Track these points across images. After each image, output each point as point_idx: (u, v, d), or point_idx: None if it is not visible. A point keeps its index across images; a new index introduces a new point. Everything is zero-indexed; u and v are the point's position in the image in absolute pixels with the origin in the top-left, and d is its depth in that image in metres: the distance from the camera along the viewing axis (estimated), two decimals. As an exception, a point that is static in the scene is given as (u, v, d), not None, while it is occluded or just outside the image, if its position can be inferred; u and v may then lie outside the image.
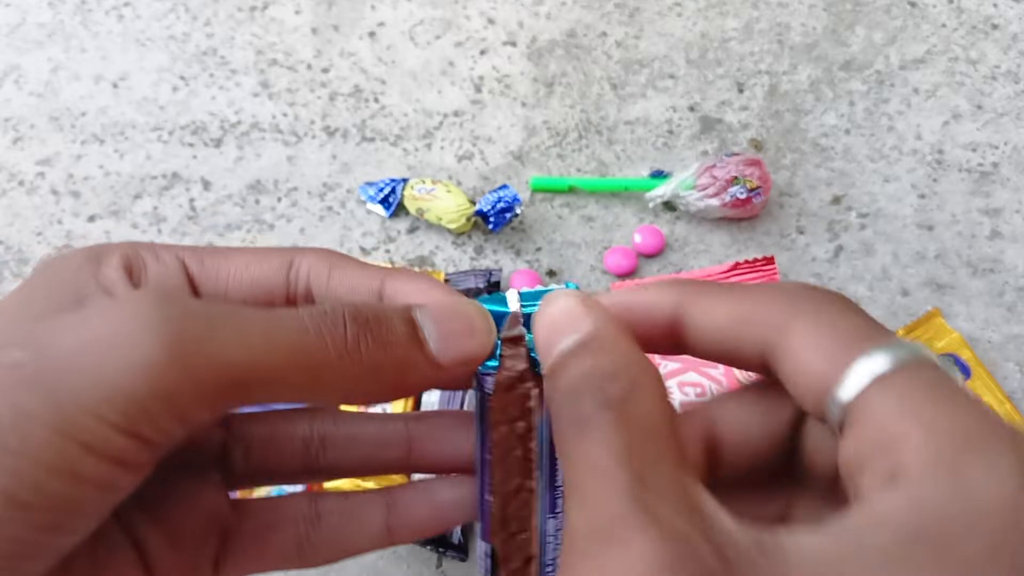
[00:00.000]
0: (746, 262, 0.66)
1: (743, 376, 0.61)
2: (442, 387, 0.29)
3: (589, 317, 0.23)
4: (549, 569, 0.28)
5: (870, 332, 0.21)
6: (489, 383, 0.27)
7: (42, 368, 0.20)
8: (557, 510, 0.28)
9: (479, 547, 0.29)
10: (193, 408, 0.21)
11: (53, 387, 0.20)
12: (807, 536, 0.19)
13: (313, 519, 0.28)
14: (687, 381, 0.62)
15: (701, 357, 0.25)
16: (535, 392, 0.26)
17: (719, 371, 0.62)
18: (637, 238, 0.69)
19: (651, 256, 0.69)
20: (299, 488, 0.44)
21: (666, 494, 0.19)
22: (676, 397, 0.62)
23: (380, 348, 0.23)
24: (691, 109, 0.76)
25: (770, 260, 0.66)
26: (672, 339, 0.25)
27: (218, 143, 0.75)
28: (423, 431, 0.29)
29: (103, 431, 0.20)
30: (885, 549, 0.18)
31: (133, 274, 0.26)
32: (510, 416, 0.26)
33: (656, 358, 0.63)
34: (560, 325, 0.23)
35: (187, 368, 0.21)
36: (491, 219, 0.68)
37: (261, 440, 0.28)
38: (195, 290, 0.27)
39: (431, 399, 0.62)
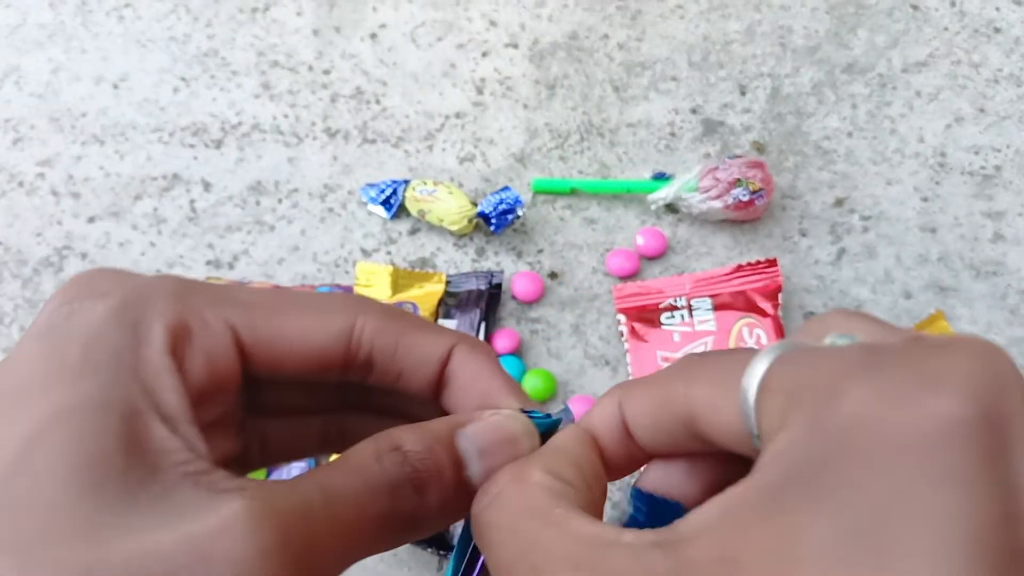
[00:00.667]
0: (748, 264, 0.66)
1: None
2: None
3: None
4: None
5: (748, 357, 0.21)
6: None
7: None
8: None
9: None
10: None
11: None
12: (695, 514, 0.19)
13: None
14: None
15: (657, 456, 0.25)
16: None
17: None
18: (639, 240, 0.69)
19: (653, 258, 0.69)
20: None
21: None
22: None
23: (436, 500, 0.24)
24: (693, 111, 0.76)
25: (773, 262, 0.66)
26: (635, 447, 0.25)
27: (219, 144, 0.75)
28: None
29: None
30: (755, 501, 0.18)
31: (177, 350, 0.22)
32: None
33: (659, 361, 0.63)
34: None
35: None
36: (493, 221, 0.68)
37: (278, 437, 0.28)
38: (245, 358, 0.24)
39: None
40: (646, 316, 0.65)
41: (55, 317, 0.21)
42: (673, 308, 0.65)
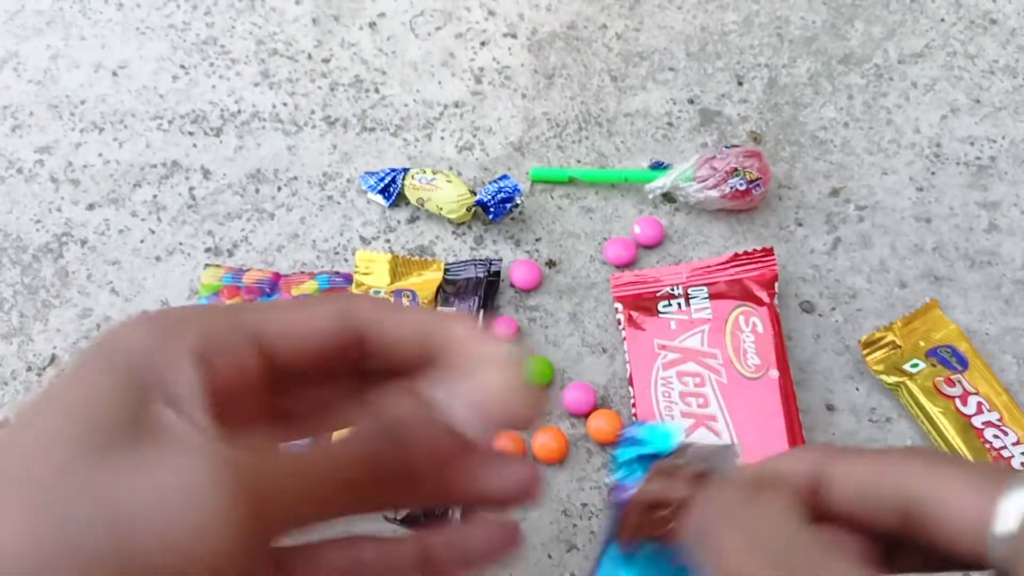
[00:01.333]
0: (745, 253, 0.66)
1: (731, 348, 0.62)
2: None
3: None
4: None
5: (1005, 474, 0.23)
6: (623, 494, 0.30)
7: (115, 534, 0.20)
8: None
9: None
10: (260, 556, 0.22)
11: (128, 557, 0.20)
12: None
13: (349, 568, 0.28)
14: (686, 371, 0.62)
15: (841, 518, 0.27)
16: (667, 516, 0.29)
17: (718, 361, 0.62)
18: (636, 229, 0.69)
19: (650, 247, 0.70)
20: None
21: None
22: (675, 387, 0.62)
23: (424, 448, 0.25)
24: (691, 102, 0.76)
25: (769, 251, 0.66)
26: (810, 504, 0.27)
27: (218, 132, 0.75)
28: (441, 548, 0.29)
29: None
30: None
31: (205, 350, 0.24)
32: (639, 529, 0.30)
33: (656, 349, 0.63)
34: None
35: (258, 529, 0.21)
36: (491, 209, 0.68)
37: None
38: (262, 353, 0.26)
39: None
40: (643, 304, 0.65)
41: (114, 331, 0.24)
42: (670, 297, 0.65)
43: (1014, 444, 0.59)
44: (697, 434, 0.30)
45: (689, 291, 0.65)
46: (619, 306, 0.66)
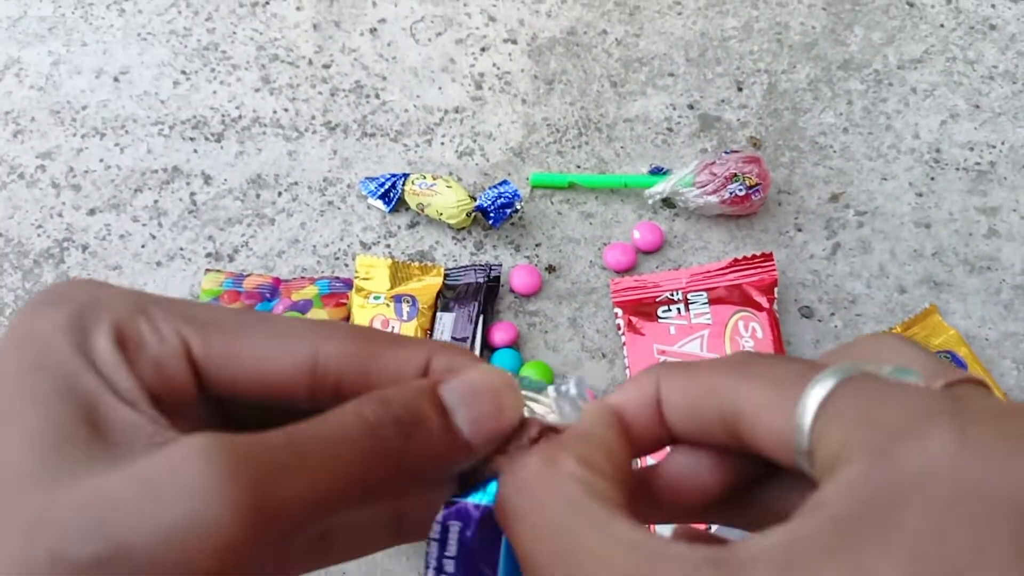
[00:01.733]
0: (744, 259, 0.66)
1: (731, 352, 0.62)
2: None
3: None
4: None
5: (807, 370, 0.21)
6: None
7: (106, 534, 0.19)
8: None
9: None
10: (267, 553, 0.20)
11: (125, 555, 0.18)
12: (757, 540, 0.19)
13: (325, 535, 0.27)
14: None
15: (686, 443, 0.25)
16: None
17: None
18: (636, 234, 0.70)
19: (650, 252, 0.70)
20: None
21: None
22: None
23: (423, 447, 0.23)
24: (690, 107, 0.77)
25: (768, 256, 0.66)
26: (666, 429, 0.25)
27: (219, 138, 0.75)
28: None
29: None
30: (823, 536, 0.18)
31: (128, 351, 0.22)
32: None
33: (656, 354, 0.63)
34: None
35: (260, 521, 0.19)
36: (491, 214, 0.68)
37: None
38: (198, 376, 0.23)
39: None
40: (643, 310, 0.66)
41: (19, 320, 0.22)
42: (670, 302, 0.65)
43: (1013, 449, 0.59)
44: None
45: (689, 296, 0.65)
46: (619, 311, 0.66)
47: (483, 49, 0.79)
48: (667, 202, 0.71)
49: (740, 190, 0.67)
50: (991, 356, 0.65)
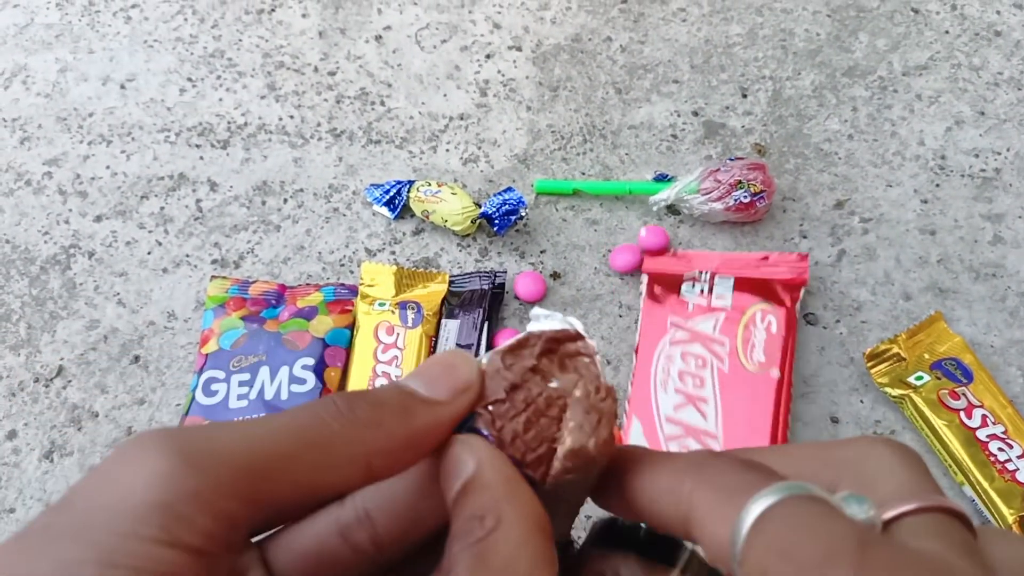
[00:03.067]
0: (779, 254, 0.67)
1: (741, 340, 0.62)
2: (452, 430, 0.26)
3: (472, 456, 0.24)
4: None
5: (761, 480, 0.22)
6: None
7: (73, 518, 0.20)
8: None
9: None
10: (219, 501, 0.21)
11: (86, 527, 0.20)
12: None
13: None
14: (691, 352, 0.63)
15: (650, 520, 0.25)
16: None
17: (724, 349, 0.63)
18: (643, 233, 0.69)
19: (655, 254, 0.70)
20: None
21: None
22: (676, 364, 0.63)
23: (374, 407, 0.23)
24: (695, 114, 0.77)
25: (804, 257, 0.66)
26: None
27: (225, 145, 0.75)
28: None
29: (145, 548, 0.20)
30: None
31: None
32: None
33: (668, 327, 0.63)
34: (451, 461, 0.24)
35: (198, 466, 0.21)
36: (496, 221, 0.68)
37: None
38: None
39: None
40: (668, 281, 0.67)
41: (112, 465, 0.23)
42: (695, 280, 0.66)
43: (1019, 457, 0.59)
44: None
45: (716, 279, 0.66)
46: (644, 277, 0.67)
47: (488, 56, 0.80)
48: (672, 209, 0.71)
49: (745, 197, 0.67)
50: (996, 363, 0.65)
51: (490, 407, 0.25)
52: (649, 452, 0.25)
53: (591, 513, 0.26)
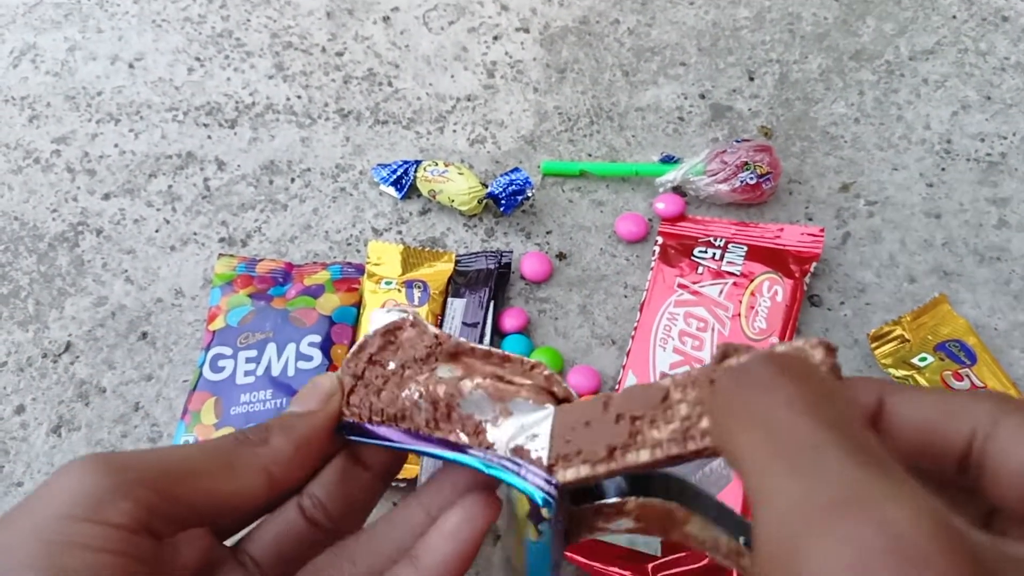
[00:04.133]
0: (796, 225, 0.68)
1: (746, 306, 0.62)
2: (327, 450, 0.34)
3: None
4: None
5: None
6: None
7: (15, 514, 0.26)
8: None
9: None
10: (135, 490, 0.26)
11: (27, 518, 0.25)
12: None
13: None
14: (695, 314, 0.63)
15: (897, 448, 0.25)
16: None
17: (727, 314, 0.63)
18: (660, 205, 0.70)
19: (673, 221, 0.70)
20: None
21: (892, 469, 0.20)
22: (678, 324, 0.63)
23: (260, 430, 0.31)
24: (702, 96, 0.77)
25: (820, 231, 0.67)
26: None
27: (233, 124, 0.76)
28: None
29: (76, 527, 0.25)
30: None
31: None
32: None
33: (676, 287, 0.63)
34: None
35: (116, 469, 0.26)
36: (503, 201, 0.68)
37: None
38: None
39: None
40: (682, 243, 0.67)
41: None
42: (710, 245, 0.67)
43: (1022, 438, 0.59)
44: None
45: (730, 246, 0.66)
46: (659, 239, 0.68)
47: (495, 38, 0.80)
48: (678, 190, 0.72)
49: (751, 179, 0.68)
50: (1000, 346, 0.66)
51: (349, 400, 0.33)
52: (910, 386, 0.26)
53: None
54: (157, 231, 0.71)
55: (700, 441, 0.26)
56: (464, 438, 0.31)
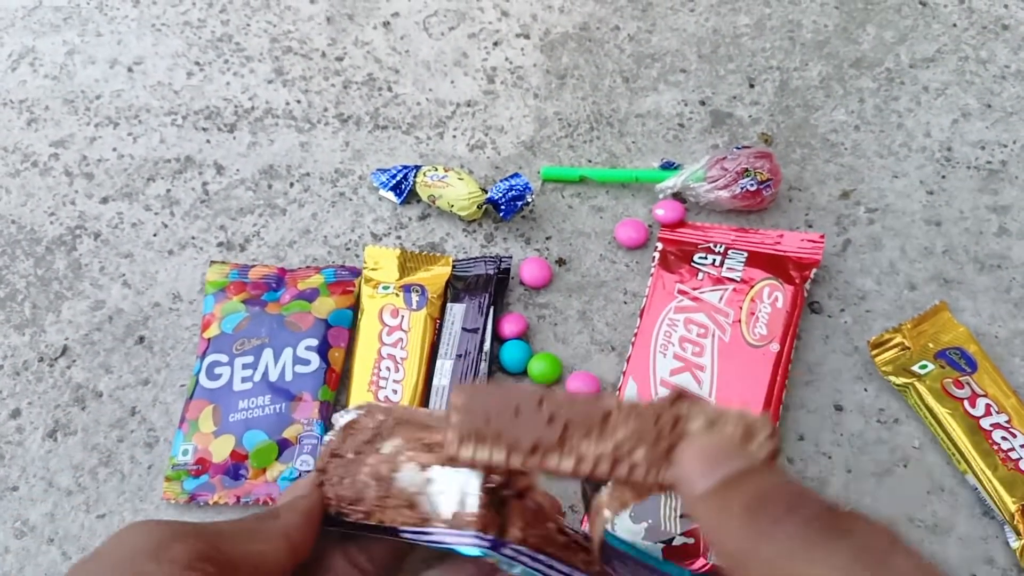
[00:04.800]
0: (797, 232, 0.68)
1: (746, 312, 0.62)
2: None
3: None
4: None
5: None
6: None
7: (96, 560, 0.29)
8: None
9: None
10: (189, 539, 0.30)
11: (113, 565, 0.29)
12: None
13: None
14: (695, 320, 0.63)
15: None
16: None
17: (728, 320, 0.63)
18: (660, 212, 0.69)
19: (672, 227, 0.69)
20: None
21: None
22: (678, 331, 0.63)
23: (272, 510, 0.34)
24: (702, 103, 0.77)
25: (820, 238, 0.66)
26: None
27: (232, 128, 0.75)
28: None
29: (142, 566, 0.29)
30: None
31: None
32: None
33: (676, 293, 0.63)
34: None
35: (169, 528, 0.30)
36: (502, 207, 0.68)
37: None
38: None
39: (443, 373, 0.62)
40: (682, 250, 0.67)
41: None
42: (709, 251, 0.67)
43: (1022, 446, 0.59)
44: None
45: (730, 252, 0.66)
46: (659, 245, 0.68)
47: (496, 44, 0.80)
48: (678, 197, 0.71)
49: (751, 185, 0.68)
50: (1000, 354, 0.65)
51: (326, 495, 0.36)
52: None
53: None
54: (155, 235, 0.71)
55: (628, 471, 0.28)
56: (408, 514, 0.33)
